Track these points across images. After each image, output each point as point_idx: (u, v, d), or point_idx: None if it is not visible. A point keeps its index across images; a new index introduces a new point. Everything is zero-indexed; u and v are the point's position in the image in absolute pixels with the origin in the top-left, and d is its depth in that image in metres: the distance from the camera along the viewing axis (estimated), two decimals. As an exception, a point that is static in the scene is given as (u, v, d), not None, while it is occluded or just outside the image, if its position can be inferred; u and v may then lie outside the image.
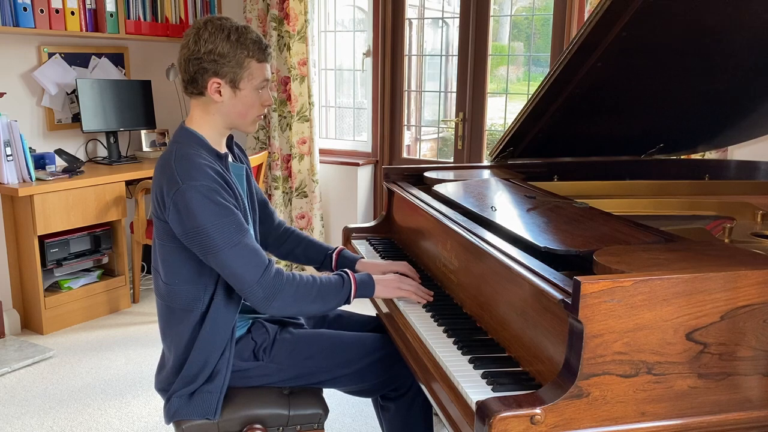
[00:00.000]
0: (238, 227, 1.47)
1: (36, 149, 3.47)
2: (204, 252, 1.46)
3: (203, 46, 1.50)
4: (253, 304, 1.50)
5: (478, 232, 1.52)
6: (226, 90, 1.53)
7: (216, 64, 1.50)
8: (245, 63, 1.53)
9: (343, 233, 2.27)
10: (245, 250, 1.46)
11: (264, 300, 1.48)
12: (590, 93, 2.00)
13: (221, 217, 1.44)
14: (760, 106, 2.09)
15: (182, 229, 1.46)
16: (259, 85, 1.57)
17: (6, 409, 2.61)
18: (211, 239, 1.43)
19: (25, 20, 3.20)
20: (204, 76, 1.52)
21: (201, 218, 1.43)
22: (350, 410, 2.60)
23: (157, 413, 2.57)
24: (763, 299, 1.10)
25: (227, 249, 1.44)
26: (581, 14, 3.10)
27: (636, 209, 1.95)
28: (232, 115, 1.58)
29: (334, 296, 1.56)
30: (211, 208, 1.44)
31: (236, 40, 1.51)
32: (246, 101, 1.56)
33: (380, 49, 3.83)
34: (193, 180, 1.44)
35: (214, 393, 1.56)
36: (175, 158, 1.49)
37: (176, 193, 1.44)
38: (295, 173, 3.95)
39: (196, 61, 1.51)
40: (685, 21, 1.70)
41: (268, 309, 1.50)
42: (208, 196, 1.44)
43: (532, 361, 1.24)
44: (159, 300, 1.62)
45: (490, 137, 3.66)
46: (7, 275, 3.32)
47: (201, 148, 1.54)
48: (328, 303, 1.56)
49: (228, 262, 1.45)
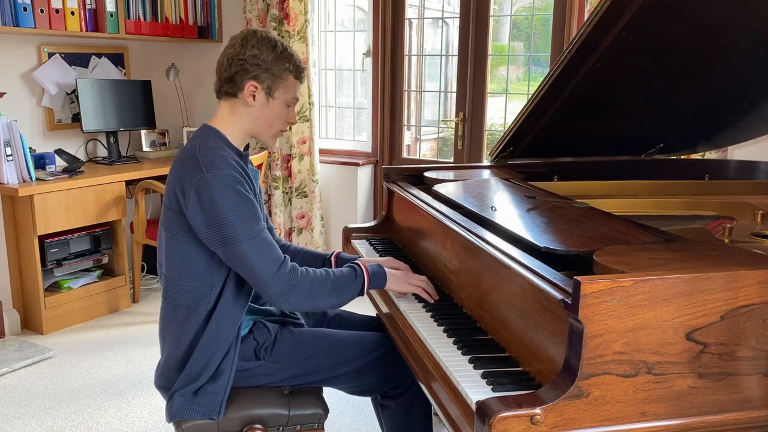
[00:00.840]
0: (257, 219, 1.49)
1: (36, 149, 3.47)
2: (223, 243, 1.47)
3: (249, 50, 1.55)
4: (270, 298, 1.51)
5: (478, 232, 1.52)
6: (260, 96, 1.58)
7: (258, 68, 1.55)
8: (284, 75, 1.58)
9: (343, 233, 2.27)
10: (263, 243, 1.49)
11: (280, 294, 1.49)
12: (590, 93, 2.00)
13: (243, 208, 1.47)
14: (760, 106, 2.09)
15: (203, 218, 1.47)
16: (289, 101, 1.62)
17: (6, 409, 2.61)
18: (231, 229, 1.45)
19: (25, 20, 3.20)
20: (243, 78, 1.56)
21: (224, 207, 1.45)
22: (350, 410, 2.60)
23: (157, 413, 2.57)
24: (763, 299, 1.10)
25: (247, 240, 1.46)
26: (581, 14, 3.10)
27: (636, 209, 1.95)
28: (259, 122, 1.61)
29: (349, 288, 1.58)
30: (234, 197, 1.46)
31: (281, 52, 1.57)
32: (275, 112, 1.61)
33: (380, 49, 3.83)
34: (218, 169, 1.47)
35: (218, 393, 1.56)
36: (200, 149, 1.52)
37: (200, 182, 1.46)
38: (295, 173, 3.95)
39: (239, 62, 1.55)
40: (685, 21, 1.70)
41: (284, 304, 1.51)
42: (232, 186, 1.47)
43: (532, 361, 1.24)
44: (163, 299, 1.62)
45: (490, 137, 3.66)
46: (7, 275, 3.32)
47: (223, 143, 1.57)
48: (343, 296, 1.57)
49: (246, 255, 1.46)
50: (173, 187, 1.52)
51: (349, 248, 2.20)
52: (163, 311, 1.63)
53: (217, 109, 1.63)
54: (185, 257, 1.55)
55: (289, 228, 4.06)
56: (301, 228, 4.02)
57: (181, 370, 1.58)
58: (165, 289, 1.61)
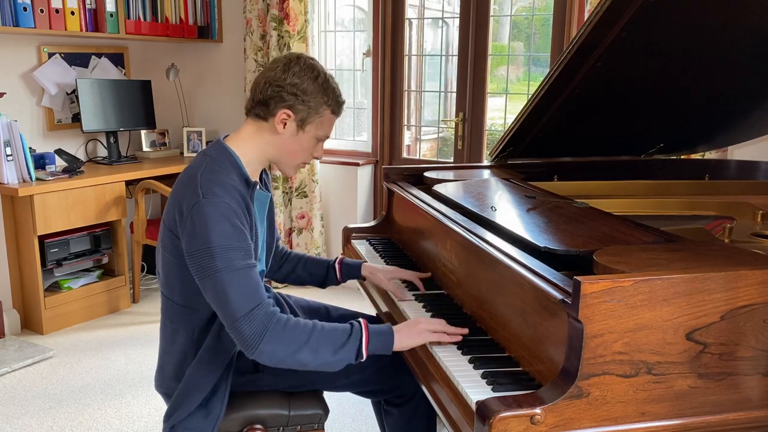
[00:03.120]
0: (245, 255, 1.38)
1: (36, 149, 3.47)
2: (202, 272, 1.36)
3: (290, 77, 1.47)
4: (240, 343, 1.35)
5: (478, 232, 1.52)
6: (291, 125, 1.50)
7: (295, 98, 1.48)
8: (321, 109, 1.51)
9: (343, 233, 2.27)
10: (245, 279, 1.36)
11: (251, 338, 1.32)
12: (590, 93, 2.00)
13: (232, 240, 1.36)
14: (760, 106, 2.09)
15: (192, 244, 1.38)
16: (321, 137, 1.55)
17: (6, 409, 2.61)
18: (213, 258, 1.34)
19: (25, 20, 3.20)
20: (278, 104, 1.48)
21: (212, 234, 1.35)
22: (350, 410, 2.60)
23: (157, 413, 2.56)
24: (763, 299, 1.10)
25: (226, 272, 1.34)
26: (581, 14, 3.10)
27: (636, 209, 1.95)
28: (283, 152, 1.54)
29: (340, 346, 1.37)
30: (225, 227, 1.37)
31: (322, 84, 1.50)
32: (303, 144, 1.54)
33: (380, 49, 3.83)
34: (214, 196, 1.39)
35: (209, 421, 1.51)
36: (203, 171, 1.44)
37: (195, 206, 1.38)
38: (295, 173, 3.95)
39: (276, 88, 1.47)
40: (685, 21, 1.70)
41: (255, 352, 1.33)
42: (225, 215, 1.38)
43: (532, 361, 1.24)
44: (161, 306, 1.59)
45: (490, 137, 3.66)
46: (7, 275, 3.32)
47: (232, 168, 1.47)
48: (330, 354, 1.37)
49: (223, 287, 1.34)
50: (173, 207, 1.45)
51: (349, 248, 2.20)
52: (160, 321, 1.60)
53: (242, 127, 1.55)
54: (177, 278, 1.49)
55: (289, 228, 4.06)
56: (301, 228, 4.02)
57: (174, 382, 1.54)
58: (161, 302, 1.57)
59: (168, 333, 1.56)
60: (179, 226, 1.42)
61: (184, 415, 1.50)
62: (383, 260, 1.99)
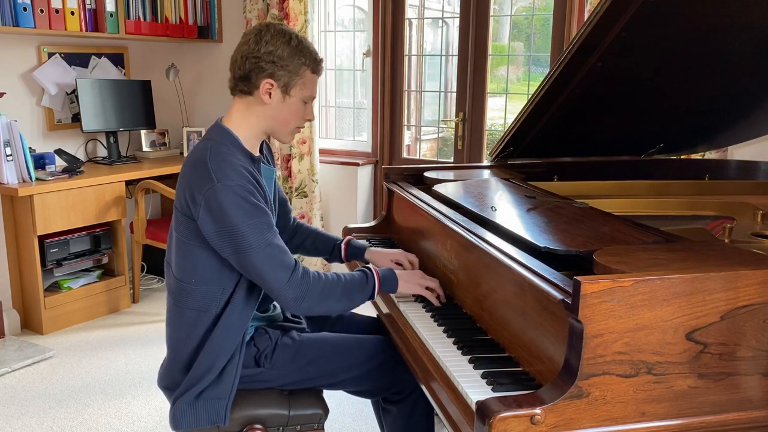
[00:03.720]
0: (269, 227, 1.48)
1: (36, 149, 3.47)
2: (236, 251, 1.45)
3: (264, 47, 1.51)
4: (284, 304, 1.51)
5: (478, 232, 1.52)
6: (276, 93, 1.54)
7: (274, 65, 1.51)
8: (301, 71, 1.54)
9: (343, 233, 2.27)
10: (276, 250, 1.48)
11: (294, 300, 1.49)
12: (590, 93, 2.00)
13: (255, 218, 1.45)
14: (760, 106, 2.09)
15: (214, 227, 1.45)
16: (307, 98, 1.58)
17: (6, 409, 2.61)
18: (245, 239, 1.44)
19: (25, 20, 3.20)
20: (259, 75, 1.52)
21: (235, 218, 1.43)
22: (350, 410, 2.60)
23: (157, 413, 2.56)
24: (763, 299, 1.10)
25: (260, 249, 1.45)
26: (581, 14, 3.10)
27: (636, 209, 1.95)
28: (275, 121, 1.58)
29: (359, 292, 1.57)
30: (246, 207, 1.44)
31: (296, 46, 1.52)
32: (292, 109, 1.57)
33: (380, 49, 3.83)
34: (228, 179, 1.44)
35: (222, 399, 1.54)
36: (210, 156, 1.48)
37: (209, 191, 1.44)
38: (295, 173, 3.95)
39: (253, 60, 1.51)
40: (685, 21, 1.70)
41: (297, 309, 1.51)
42: (243, 196, 1.44)
43: (532, 361, 1.24)
44: (170, 298, 1.60)
45: (490, 137, 3.66)
46: (7, 275, 3.32)
47: (235, 148, 1.53)
48: (353, 300, 1.56)
49: (259, 263, 1.45)
50: (183, 191, 1.50)
51: (349, 248, 2.20)
52: (170, 312, 1.61)
53: (231, 107, 1.60)
54: (195, 261, 1.53)
55: (289, 228, 4.06)
56: (301, 228, 4.02)
57: (186, 373, 1.56)
58: (174, 291, 1.58)
59: (187, 321, 1.56)
60: (194, 211, 1.47)
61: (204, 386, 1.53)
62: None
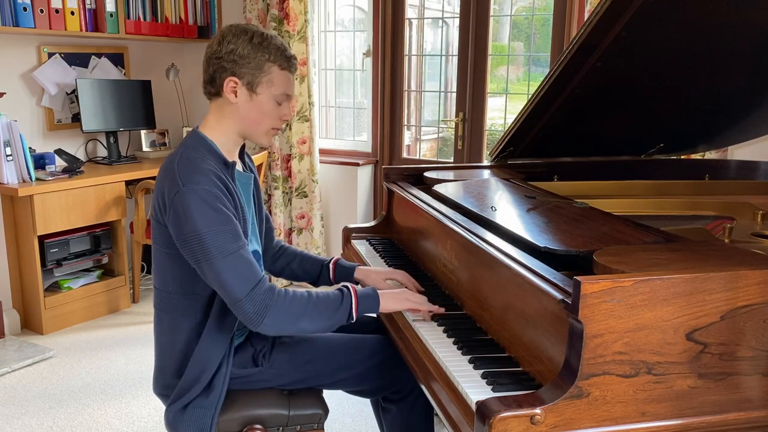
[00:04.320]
0: (234, 237, 1.42)
1: (36, 149, 3.47)
2: (196, 259, 1.41)
3: (225, 47, 1.49)
4: (244, 320, 1.43)
5: (478, 232, 1.52)
6: (242, 92, 1.51)
7: (235, 64, 1.49)
8: (265, 67, 1.50)
9: (343, 233, 2.27)
10: (239, 261, 1.41)
11: (254, 316, 1.41)
12: (590, 93, 2.00)
13: (218, 224, 1.40)
14: (760, 106, 2.09)
15: (178, 233, 1.42)
16: (279, 97, 1.53)
17: (6, 409, 2.61)
18: (204, 245, 1.39)
19: (25, 20, 3.20)
20: (222, 75, 1.50)
21: (198, 222, 1.39)
22: (350, 410, 2.60)
23: (157, 413, 2.56)
24: (763, 299, 1.10)
25: (220, 258, 1.39)
26: (581, 14, 3.10)
27: (636, 209, 1.95)
28: (246, 121, 1.54)
29: (333, 312, 1.48)
30: (209, 213, 1.40)
31: (258, 43, 1.49)
32: (262, 108, 1.53)
33: (380, 49, 3.83)
34: (194, 183, 1.41)
35: (208, 408, 1.52)
36: (179, 160, 1.46)
37: (176, 195, 1.41)
38: (295, 173, 3.95)
39: (216, 61, 1.51)
40: (685, 21, 1.70)
41: (259, 326, 1.42)
42: (207, 201, 1.40)
43: (532, 361, 1.23)
44: (155, 302, 1.60)
45: (490, 137, 3.66)
46: (7, 275, 3.32)
47: (208, 153, 1.50)
48: (325, 319, 1.48)
49: (219, 272, 1.39)
50: (157, 197, 1.48)
51: (350, 248, 2.20)
52: (154, 320, 1.61)
53: (208, 113, 1.58)
54: (170, 268, 1.51)
55: (289, 228, 4.06)
56: (301, 228, 4.02)
57: (175, 378, 1.56)
58: (154, 298, 1.58)
59: (167, 329, 1.56)
60: (163, 215, 1.46)
61: (191, 398, 1.52)
62: (383, 260, 1.99)
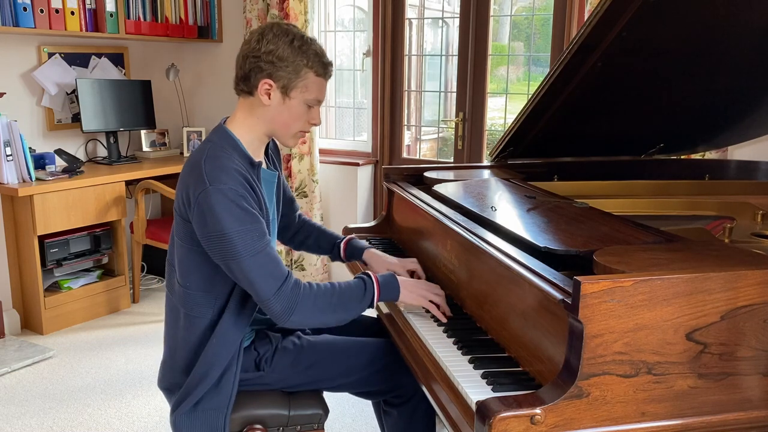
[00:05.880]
0: (260, 235, 1.43)
1: (36, 149, 3.47)
2: (224, 257, 1.42)
3: (264, 46, 1.47)
4: (272, 316, 1.45)
5: (478, 232, 1.51)
6: (276, 94, 1.50)
7: (273, 65, 1.47)
8: (302, 72, 1.49)
9: (343, 233, 2.27)
10: (265, 259, 1.43)
11: (282, 313, 1.43)
12: (590, 93, 2.00)
13: (245, 224, 1.41)
14: (760, 106, 2.09)
15: (204, 231, 1.42)
16: (311, 101, 1.53)
17: (6, 409, 2.61)
18: (232, 245, 1.40)
19: (25, 20, 3.20)
20: (257, 75, 1.48)
21: (225, 222, 1.39)
22: (350, 410, 2.61)
23: (157, 413, 2.56)
24: (763, 299, 1.10)
25: (248, 257, 1.40)
26: (581, 14, 3.10)
27: (636, 209, 1.95)
28: (276, 123, 1.54)
29: (357, 302, 1.50)
30: (236, 212, 1.40)
31: (299, 47, 1.48)
32: (293, 112, 1.52)
33: (380, 49, 3.83)
34: (220, 183, 1.41)
35: (220, 409, 1.52)
36: (206, 158, 1.46)
37: (202, 194, 1.41)
38: (295, 173, 3.95)
39: (253, 59, 1.48)
40: (685, 21, 1.70)
41: (287, 322, 1.44)
42: (235, 201, 1.41)
43: (532, 361, 1.24)
44: (170, 296, 1.59)
45: (490, 137, 3.66)
46: (7, 275, 3.32)
47: (234, 151, 1.49)
48: (350, 310, 1.50)
49: (247, 271, 1.41)
50: (181, 193, 1.48)
51: (349, 248, 2.20)
52: (168, 312, 1.61)
53: (236, 108, 1.56)
54: (191, 265, 1.52)
55: (289, 228, 4.06)
56: (301, 228, 4.02)
57: (184, 375, 1.55)
58: (174, 292, 1.58)
59: (183, 324, 1.56)
60: (189, 212, 1.46)
61: (199, 396, 1.52)
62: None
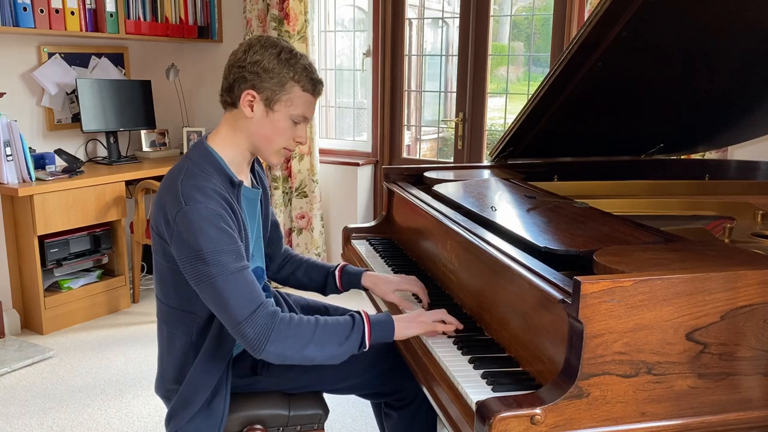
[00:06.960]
0: (237, 257, 1.36)
1: (36, 149, 3.47)
2: (197, 279, 1.35)
3: (250, 57, 1.42)
4: (245, 345, 1.35)
5: (478, 232, 1.51)
6: (258, 107, 1.44)
7: (257, 76, 1.42)
8: (287, 85, 1.43)
9: (343, 233, 2.27)
10: (241, 281, 1.35)
11: (256, 340, 1.33)
12: (590, 93, 2.00)
13: (221, 244, 1.34)
14: (760, 106, 2.09)
15: (180, 251, 1.37)
16: (296, 117, 1.47)
17: (6, 409, 2.61)
18: (206, 265, 1.33)
19: (25, 20, 3.20)
20: (241, 86, 1.43)
21: (200, 241, 1.33)
22: (350, 410, 2.60)
23: (157, 413, 2.56)
24: (763, 299, 1.10)
25: (221, 277, 1.33)
26: (581, 14, 3.10)
27: (636, 209, 1.95)
28: (258, 137, 1.47)
29: (344, 338, 1.39)
30: (212, 232, 1.34)
31: (286, 60, 1.43)
32: (276, 126, 1.46)
33: (380, 49, 3.83)
34: (196, 202, 1.36)
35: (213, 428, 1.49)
36: (184, 177, 1.40)
37: (179, 214, 1.35)
38: (295, 173, 3.95)
39: (238, 69, 1.43)
40: (685, 21, 1.70)
41: (263, 352, 1.34)
42: (210, 220, 1.35)
43: (532, 361, 1.24)
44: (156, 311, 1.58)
45: (490, 137, 3.66)
46: (7, 275, 3.32)
47: (214, 170, 1.44)
48: (335, 346, 1.38)
49: (220, 291, 1.33)
50: (158, 212, 1.42)
51: (349, 248, 2.20)
52: (156, 324, 1.59)
53: (220, 123, 1.51)
54: (170, 282, 1.47)
55: (289, 228, 4.06)
56: (301, 228, 4.02)
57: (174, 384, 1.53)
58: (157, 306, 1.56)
59: (165, 337, 1.55)
60: (166, 232, 1.40)
61: (187, 417, 1.49)
62: (383, 260, 1.99)
